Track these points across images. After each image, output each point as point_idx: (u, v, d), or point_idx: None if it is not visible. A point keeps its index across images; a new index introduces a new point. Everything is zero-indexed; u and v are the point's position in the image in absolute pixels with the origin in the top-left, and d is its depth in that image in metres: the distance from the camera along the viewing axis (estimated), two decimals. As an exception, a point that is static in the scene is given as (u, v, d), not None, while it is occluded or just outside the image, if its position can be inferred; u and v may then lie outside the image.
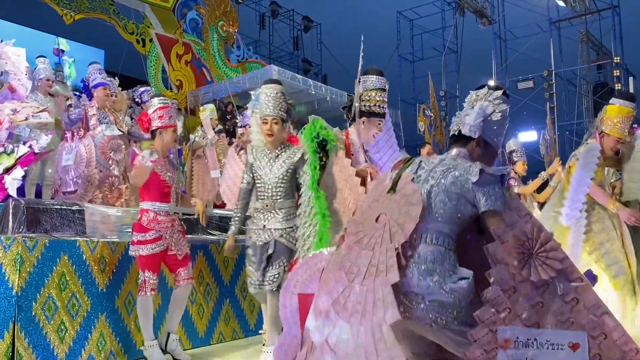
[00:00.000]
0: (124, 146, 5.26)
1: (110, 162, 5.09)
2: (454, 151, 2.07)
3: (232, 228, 3.61)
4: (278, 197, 3.49)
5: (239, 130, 6.70)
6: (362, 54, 3.31)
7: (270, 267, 3.44)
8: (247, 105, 10.87)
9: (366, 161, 3.36)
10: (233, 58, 15.04)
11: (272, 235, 3.44)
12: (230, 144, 7.28)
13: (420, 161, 2.05)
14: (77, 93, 7.36)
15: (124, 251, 3.82)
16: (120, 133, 5.22)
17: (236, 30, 15.05)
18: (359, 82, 3.32)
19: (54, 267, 3.41)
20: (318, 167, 3.16)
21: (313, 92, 13.44)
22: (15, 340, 3.14)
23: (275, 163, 3.51)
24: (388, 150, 3.59)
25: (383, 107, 3.31)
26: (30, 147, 3.33)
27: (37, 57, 6.15)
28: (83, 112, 5.25)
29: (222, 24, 14.73)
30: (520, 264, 1.66)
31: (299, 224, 3.28)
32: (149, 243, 3.58)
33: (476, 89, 2.16)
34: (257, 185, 3.55)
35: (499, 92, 2.08)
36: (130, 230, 3.73)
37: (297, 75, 14.02)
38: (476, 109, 2.04)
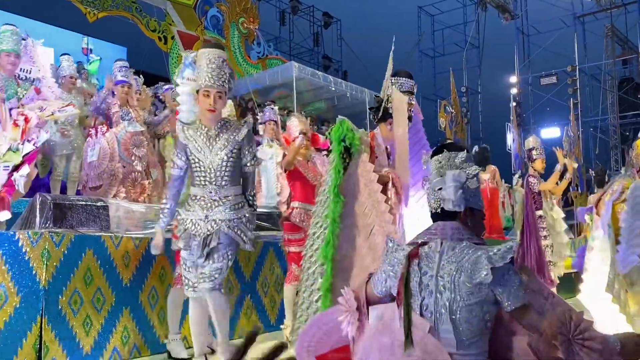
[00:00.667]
0: (146, 142, 5.33)
1: (132, 157, 5.16)
2: (447, 229, 1.82)
3: (162, 223, 3.15)
4: (223, 183, 3.04)
5: (260, 127, 6.71)
6: (392, 55, 3.27)
7: (211, 261, 2.98)
8: (267, 102, 10.90)
9: (389, 165, 3.33)
10: (253, 55, 15.10)
11: (215, 227, 2.99)
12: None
13: (419, 261, 1.78)
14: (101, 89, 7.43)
15: (147, 246, 3.86)
16: (142, 129, 5.28)
17: (257, 27, 15.10)
18: (390, 83, 3.26)
19: (79, 262, 3.47)
20: (342, 171, 2.96)
21: (333, 89, 13.44)
22: (43, 332, 3.21)
23: (216, 143, 3.04)
24: (418, 152, 3.51)
25: (411, 110, 3.25)
26: (34, 144, 3.40)
27: (61, 55, 6.25)
28: (106, 108, 5.33)
29: (243, 20, 14.80)
30: (565, 353, 1.56)
31: (311, 224, 3.07)
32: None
33: (434, 153, 1.96)
34: (195, 169, 3.07)
35: (463, 154, 1.89)
36: (153, 226, 3.78)
37: (317, 71, 14.02)
38: (449, 180, 1.83)
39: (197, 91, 3.06)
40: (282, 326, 4.34)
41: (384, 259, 1.86)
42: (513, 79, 17.87)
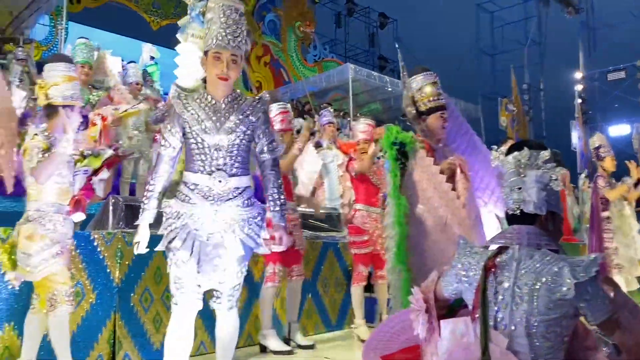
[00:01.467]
0: None
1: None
2: (524, 233, 1.72)
3: (147, 214, 2.48)
4: (234, 172, 2.45)
5: (319, 129, 6.79)
6: (402, 63, 3.27)
7: (225, 274, 2.44)
8: (323, 104, 10.95)
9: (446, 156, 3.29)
10: (310, 58, 15.26)
11: (227, 228, 2.41)
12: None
13: (495, 269, 1.68)
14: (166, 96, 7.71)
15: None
16: None
17: (313, 30, 15.24)
18: (405, 87, 3.23)
19: (150, 261, 3.62)
20: (399, 174, 2.91)
21: (389, 89, 13.36)
22: (117, 328, 3.37)
23: (226, 120, 2.45)
24: (463, 136, 3.45)
25: (438, 98, 3.10)
26: (115, 149, 3.57)
27: (127, 63, 6.54)
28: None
29: (299, 24, 14.97)
30: None
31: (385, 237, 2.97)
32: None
33: (510, 149, 1.84)
34: (195, 151, 2.45)
35: (547, 154, 1.78)
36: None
37: (373, 72, 13.99)
38: (531, 181, 1.72)
39: (205, 52, 2.48)
40: (352, 326, 4.46)
41: (455, 259, 1.80)
42: (578, 75, 17.18)
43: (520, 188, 1.75)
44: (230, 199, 2.43)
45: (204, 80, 2.68)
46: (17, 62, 6.58)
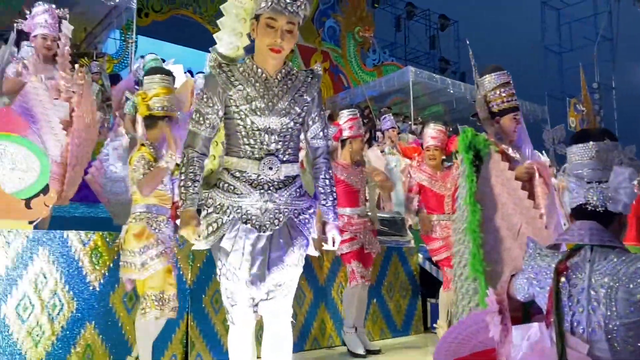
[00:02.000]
0: None
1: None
2: (594, 231, 1.60)
3: (190, 201, 2.08)
4: (286, 158, 2.14)
5: (379, 135, 6.78)
6: (473, 62, 3.16)
7: (282, 272, 2.09)
8: (383, 109, 10.86)
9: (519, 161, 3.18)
10: (369, 62, 15.25)
11: (282, 217, 2.10)
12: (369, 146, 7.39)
13: (567, 272, 1.59)
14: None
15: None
16: None
17: (372, 35, 15.23)
18: (477, 86, 3.14)
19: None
20: (475, 180, 2.78)
21: (451, 91, 13.16)
22: (189, 329, 3.49)
23: (280, 100, 2.11)
24: (527, 144, 3.33)
25: (513, 99, 3.01)
26: None
27: (196, 73, 6.77)
28: None
29: (359, 29, 15.00)
30: None
31: (453, 241, 2.88)
32: (347, 242, 3.98)
33: (586, 139, 1.67)
34: (241, 133, 2.10)
35: (633, 148, 1.65)
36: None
37: (434, 74, 13.83)
38: (623, 179, 1.57)
39: (256, 17, 2.08)
40: (435, 325, 4.62)
41: (525, 263, 1.74)
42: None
43: (601, 182, 1.61)
44: (281, 188, 2.11)
45: (247, 50, 2.28)
46: (91, 75, 6.96)
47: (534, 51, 17.78)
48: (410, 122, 11.36)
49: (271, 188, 2.09)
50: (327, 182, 2.27)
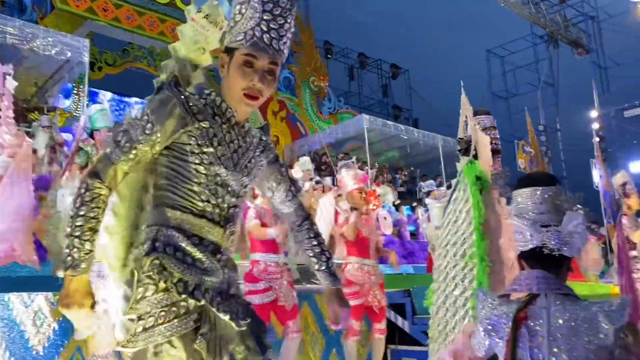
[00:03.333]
0: None
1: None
2: (542, 278, 1.60)
3: (84, 264, 1.46)
4: (235, 216, 1.67)
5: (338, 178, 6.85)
6: (464, 94, 3.26)
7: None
8: (340, 155, 10.98)
9: None
10: (325, 110, 15.52)
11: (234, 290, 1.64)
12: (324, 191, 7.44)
13: (526, 320, 1.58)
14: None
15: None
16: None
17: (327, 84, 15.58)
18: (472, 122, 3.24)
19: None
20: (483, 210, 2.75)
21: (405, 137, 13.52)
22: None
23: (244, 152, 1.68)
24: None
25: (497, 143, 3.15)
26: None
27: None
28: None
29: (313, 79, 15.33)
30: None
31: (440, 267, 2.80)
32: (259, 293, 3.71)
33: (536, 183, 1.67)
34: (200, 183, 1.60)
35: (580, 197, 1.64)
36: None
37: (387, 121, 14.19)
38: (575, 224, 1.59)
39: (228, 50, 1.61)
40: None
41: (479, 315, 1.71)
42: (594, 113, 17.17)
43: (555, 226, 1.60)
44: (226, 255, 1.65)
45: (211, 74, 1.87)
46: (42, 130, 6.83)
47: (482, 97, 18.52)
48: (367, 167, 11.54)
49: (220, 252, 1.61)
50: (315, 242, 1.90)
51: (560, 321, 1.54)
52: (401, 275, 6.20)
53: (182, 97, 1.58)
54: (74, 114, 10.50)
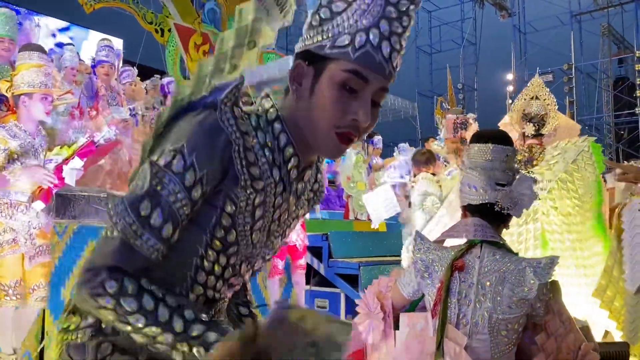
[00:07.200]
0: (131, 130, 5.13)
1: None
2: (484, 228, 1.67)
3: None
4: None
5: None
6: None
7: None
8: (264, 96, 10.94)
9: None
10: (250, 49, 15.09)
11: None
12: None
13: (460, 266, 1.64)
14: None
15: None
16: (128, 117, 5.06)
17: (254, 21, 15.08)
18: None
19: (82, 253, 3.46)
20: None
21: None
22: (45, 323, 3.21)
23: (296, 216, 1.14)
24: None
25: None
26: (89, 137, 3.39)
27: (64, 45, 6.22)
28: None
29: (241, 14, 14.77)
30: None
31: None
32: None
33: (499, 141, 1.70)
34: (230, 240, 1.00)
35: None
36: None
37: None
38: (525, 186, 1.65)
39: (312, 57, 1.00)
40: None
41: (414, 256, 1.76)
42: (509, 76, 17.94)
43: (504, 185, 1.67)
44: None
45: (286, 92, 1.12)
46: None
47: (407, 50, 18.74)
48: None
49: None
50: None
51: (491, 270, 1.62)
52: (319, 219, 6.30)
53: (238, 133, 0.96)
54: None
